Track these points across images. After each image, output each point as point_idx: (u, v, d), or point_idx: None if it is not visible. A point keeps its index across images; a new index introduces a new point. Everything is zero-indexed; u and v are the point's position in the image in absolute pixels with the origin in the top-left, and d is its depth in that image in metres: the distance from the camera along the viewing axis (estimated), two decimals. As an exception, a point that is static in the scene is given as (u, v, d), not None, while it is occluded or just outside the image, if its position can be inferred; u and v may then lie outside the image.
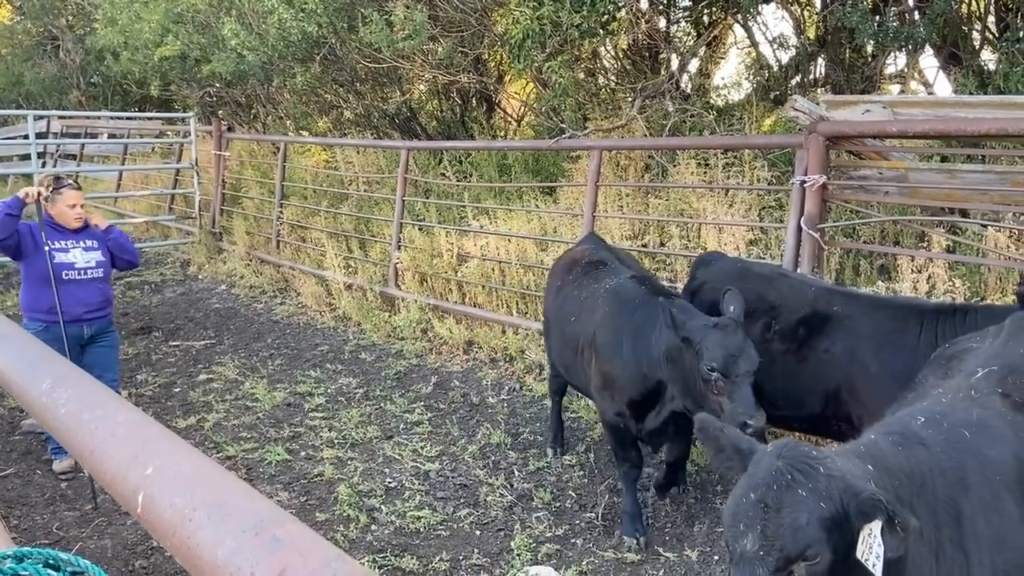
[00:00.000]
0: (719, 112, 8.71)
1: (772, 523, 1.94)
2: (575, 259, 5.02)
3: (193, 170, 11.72)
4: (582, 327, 4.51)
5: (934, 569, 2.13)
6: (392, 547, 4.35)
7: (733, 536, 2.00)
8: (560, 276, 5.03)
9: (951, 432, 2.27)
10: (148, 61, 12.96)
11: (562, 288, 4.89)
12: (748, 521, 1.97)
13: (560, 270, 5.11)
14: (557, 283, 5.01)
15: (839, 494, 1.95)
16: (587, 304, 4.53)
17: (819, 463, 2.00)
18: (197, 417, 6.08)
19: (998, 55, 6.71)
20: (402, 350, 7.57)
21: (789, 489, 1.96)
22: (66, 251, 5.20)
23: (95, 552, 4.38)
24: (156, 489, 1.16)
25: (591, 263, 4.84)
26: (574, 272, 4.87)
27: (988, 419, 2.29)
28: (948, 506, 2.16)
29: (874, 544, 1.94)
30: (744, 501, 2.00)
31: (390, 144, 10.41)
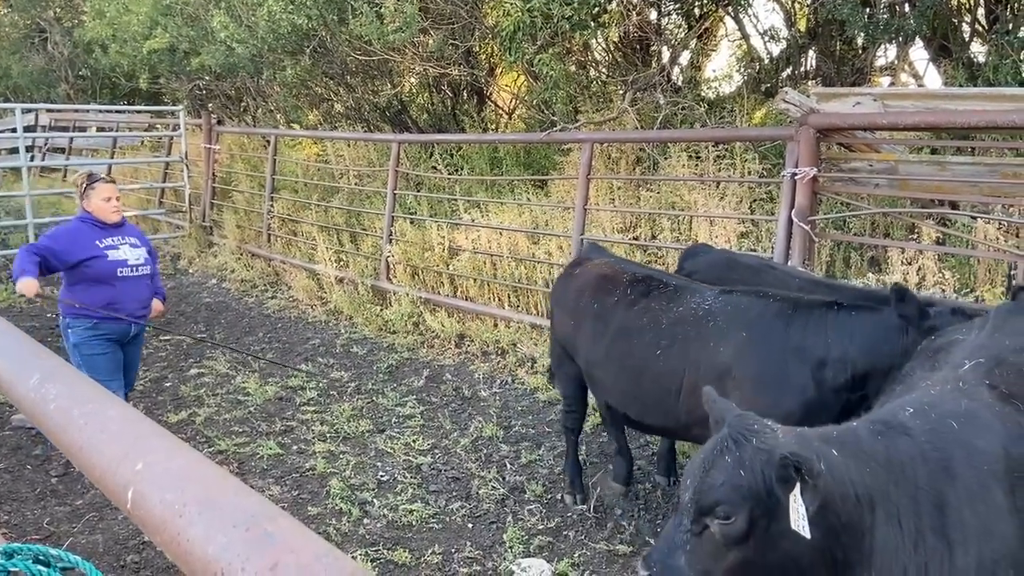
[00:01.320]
0: (710, 105, 8.72)
1: (699, 481, 2.21)
2: (608, 277, 4.25)
3: (183, 163, 11.67)
4: (684, 361, 3.67)
5: (912, 556, 2.14)
6: (384, 540, 4.36)
7: (682, 488, 2.31)
8: (593, 299, 4.21)
9: (938, 422, 2.28)
10: (137, 54, 12.89)
11: (607, 315, 4.09)
12: (691, 478, 2.25)
13: (589, 292, 4.27)
14: (591, 308, 4.19)
15: (760, 466, 2.13)
16: (683, 332, 3.72)
17: (754, 435, 2.19)
18: (188, 411, 6.07)
19: (988, 47, 6.74)
20: (394, 344, 7.57)
21: (720, 455, 2.20)
22: (116, 248, 5.04)
23: (86, 547, 4.36)
24: (146, 485, 1.15)
25: (641, 281, 4.09)
26: (619, 294, 4.09)
27: (976, 410, 2.30)
28: (931, 495, 2.17)
29: (798, 506, 2.08)
30: (695, 461, 2.29)
31: (381, 137, 10.38)
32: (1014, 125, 4.66)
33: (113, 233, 5.11)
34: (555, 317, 4.66)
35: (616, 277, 4.21)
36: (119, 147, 15.98)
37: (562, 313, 4.52)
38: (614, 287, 4.15)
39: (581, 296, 4.31)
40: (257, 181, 11.51)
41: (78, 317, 4.91)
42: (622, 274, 4.22)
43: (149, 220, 13.02)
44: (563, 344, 4.52)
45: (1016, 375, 2.47)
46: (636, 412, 3.99)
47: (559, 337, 4.59)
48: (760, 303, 3.60)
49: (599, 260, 4.54)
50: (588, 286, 4.31)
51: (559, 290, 4.64)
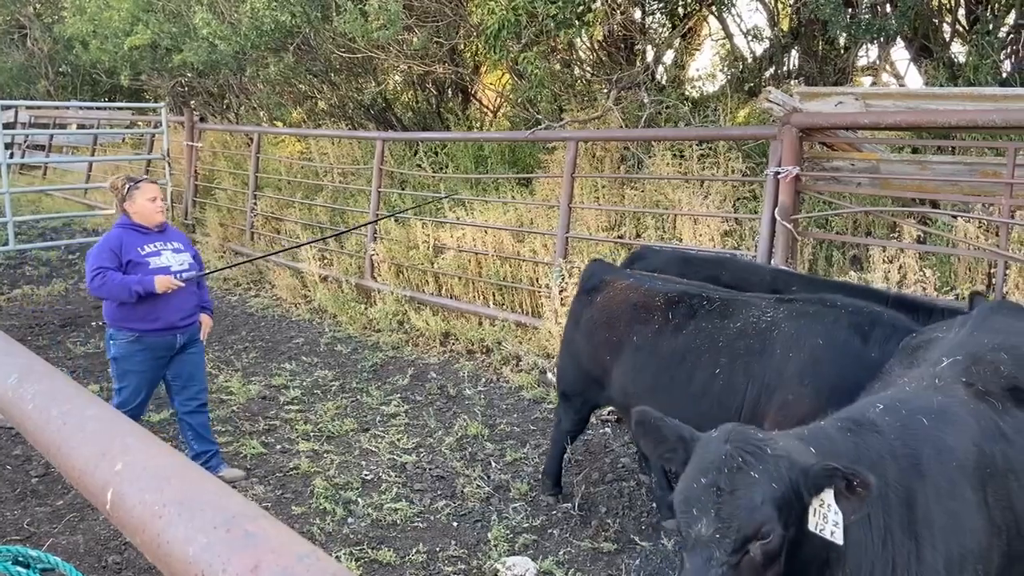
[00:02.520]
0: (694, 104, 8.75)
1: (727, 505, 1.97)
2: (642, 305, 3.98)
3: (165, 161, 11.56)
4: (747, 377, 3.50)
5: (880, 553, 2.16)
6: (369, 540, 4.34)
7: (687, 521, 2.01)
8: (630, 330, 3.95)
9: (909, 419, 2.30)
10: (118, 50, 12.76)
11: (652, 344, 3.84)
12: (701, 506, 1.99)
13: (624, 323, 4.00)
14: (630, 339, 3.94)
15: (787, 472, 2.01)
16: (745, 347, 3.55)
17: (766, 445, 2.06)
18: (170, 411, 6.00)
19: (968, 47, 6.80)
20: (378, 342, 7.54)
21: (741, 471, 2.00)
22: (158, 254, 4.75)
23: (67, 548, 4.32)
24: (125, 485, 1.14)
25: (679, 301, 3.88)
26: (660, 320, 3.85)
27: (949, 406, 2.32)
28: (900, 492, 2.18)
29: (828, 513, 1.99)
30: (695, 486, 2.03)
31: (365, 135, 10.34)
32: (994, 125, 4.71)
33: (155, 238, 4.80)
34: (577, 345, 4.34)
35: (650, 302, 3.95)
36: (100, 144, 15.85)
37: (588, 343, 4.22)
38: (651, 313, 3.91)
39: (613, 327, 4.04)
40: (240, 179, 11.44)
41: (121, 329, 4.65)
42: (654, 297, 3.96)
43: (131, 218, 12.90)
44: (588, 373, 4.26)
45: (993, 373, 2.49)
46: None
47: (584, 367, 4.28)
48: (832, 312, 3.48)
49: (618, 282, 4.21)
50: (621, 317, 4.03)
51: (581, 318, 4.31)
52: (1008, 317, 2.95)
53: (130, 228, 4.76)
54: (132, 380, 4.75)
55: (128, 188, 4.77)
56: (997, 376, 2.49)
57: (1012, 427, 2.35)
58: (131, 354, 4.69)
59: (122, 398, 4.74)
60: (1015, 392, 2.46)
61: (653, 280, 4.15)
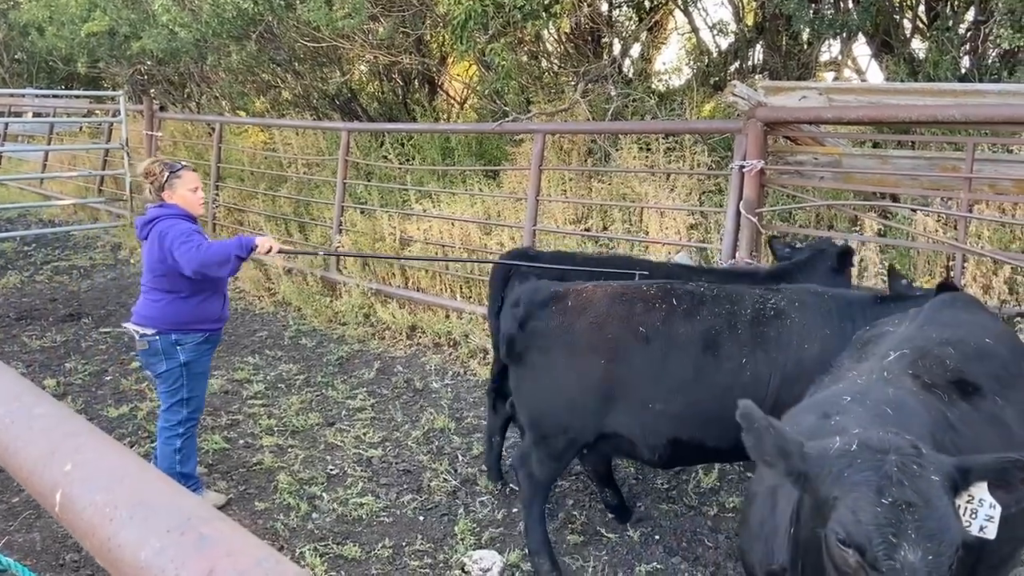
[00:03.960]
0: (660, 97, 8.79)
1: (929, 521, 1.74)
2: (630, 298, 3.64)
3: (123, 151, 11.32)
4: (771, 366, 3.40)
5: None
6: (334, 535, 4.30)
7: (886, 551, 1.72)
8: (631, 331, 3.56)
9: (875, 408, 2.33)
10: (75, 37, 12.44)
11: (666, 342, 3.52)
12: (898, 529, 1.73)
13: (619, 323, 3.58)
14: (633, 344, 3.54)
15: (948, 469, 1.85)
16: (761, 336, 3.46)
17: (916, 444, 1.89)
18: (130, 406, 5.90)
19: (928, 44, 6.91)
20: (344, 335, 7.47)
21: (922, 479, 1.79)
22: None
23: (23, 546, 4.22)
24: (75, 487, 1.09)
25: (685, 294, 3.63)
26: (664, 315, 3.56)
27: (903, 397, 2.35)
28: None
29: (981, 508, 1.85)
30: (880, 508, 1.75)
31: (330, 126, 10.22)
32: (953, 120, 4.79)
33: (203, 233, 4.42)
34: (558, 371, 3.70)
35: (637, 297, 3.63)
36: (56, 133, 15.47)
37: (577, 363, 3.63)
38: (649, 311, 3.58)
39: (609, 336, 3.56)
40: (201, 169, 11.21)
41: (189, 332, 4.31)
42: (637, 295, 3.64)
43: (88, 209, 12.63)
44: (579, 400, 3.66)
45: (939, 366, 2.54)
46: (714, 437, 3.47)
47: (574, 393, 3.66)
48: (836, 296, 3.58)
49: (575, 288, 3.79)
50: (614, 322, 3.57)
51: (554, 339, 3.67)
52: (958, 311, 3.01)
53: (186, 217, 4.35)
54: (202, 383, 4.49)
55: (168, 176, 4.35)
56: (943, 369, 2.53)
57: (958, 417, 2.40)
58: (200, 355, 4.40)
59: (192, 407, 4.41)
60: (960, 384, 2.51)
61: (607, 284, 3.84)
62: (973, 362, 2.62)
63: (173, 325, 4.28)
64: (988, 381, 2.56)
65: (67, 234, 11.80)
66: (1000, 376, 2.62)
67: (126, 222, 11.34)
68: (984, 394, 2.51)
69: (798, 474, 1.92)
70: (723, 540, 4.18)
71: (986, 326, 2.94)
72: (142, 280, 4.40)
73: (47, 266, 10.16)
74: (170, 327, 4.27)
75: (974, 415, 2.43)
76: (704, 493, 4.62)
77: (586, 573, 3.95)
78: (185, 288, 4.27)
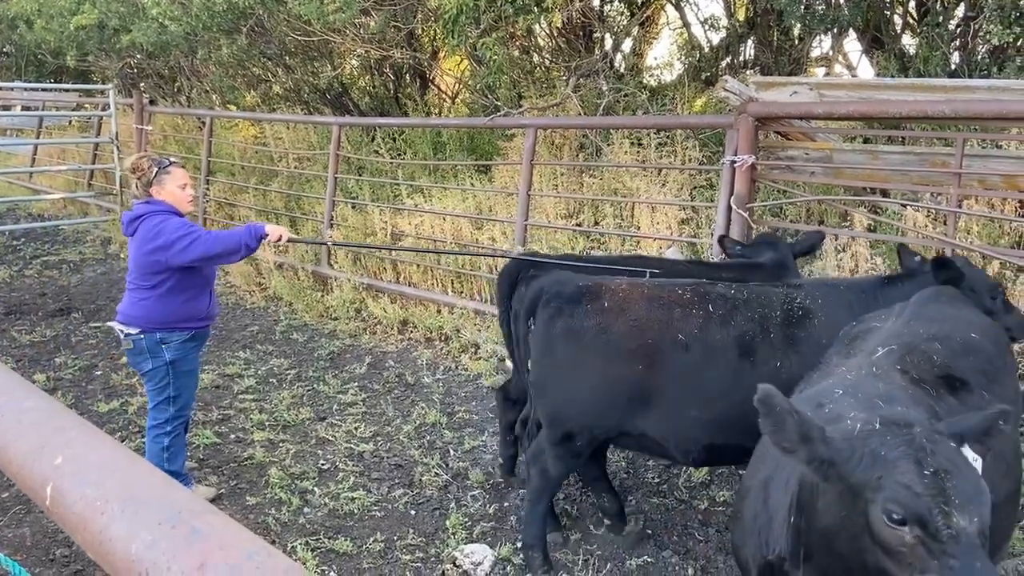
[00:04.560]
0: (652, 92, 8.79)
1: (966, 484, 1.76)
2: (668, 301, 3.53)
3: (113, 144, 11.24)
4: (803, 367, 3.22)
5: None
6: (325, 529, 4.30)
7: (944, 520, 1.72)
8: (668, 334, 3.45)
9: (867, 402, 2.34)
10: (64, 30, 12.35)
11: (703, 344, 3.43)
12: (946, 497, 1.74)
13: (658, 327, 3.47)
14: (673, 345, 3.45)
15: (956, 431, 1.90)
16: (793, 336, 3.44)
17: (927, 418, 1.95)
18: (120, 401, 5.88)
19: (918, 39, 6.93)
20: (335, 330, 7.46)
21: (947, 447, 1.83)
22: None
23: (13, 541, 4.20)
24: (66, 480, 1.09)
25: (718, 296, 3.55)
26: (700, 316, 3.48)
27: (892, 391, 2.37)
28: None
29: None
30: (925, 480, 1.76)
31: (321, 120, 10.17)
32: (943, 115, 4.81)
33: None
34: (588, 369, 3.56)
35: (674, 298, 3.54)
36: (45, 127, 15.36)
37: (608, 361, 3.52)
38: (688, 309, 3.50)
39: (645, 334, 3.46)
40: (192, 164, 11.17)
41: (174, 330, 4.25)
42: (673, 294, 3.56)
43: (78, 203, 12.55)
44: (607, 399, 3.57)
45: (926, 361, 2.56)
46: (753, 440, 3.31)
47: (601, 392, 3.56)
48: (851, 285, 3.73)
49: (609, 283, 3.69)
50: (651, 320, 3.47)
51: (584, 334, 3.55)
52: (944, 305, 3.03)
53: (174, 213, 4.28)
54: (189, 381, 4.43)
55: (156, 172, 4.27)
56: (930, 365, 2.56)
57: (946, 412, 2.42)
58: (187, 353, 4.35)
59: (179, 405, 4.37)
60: (947, 379, 2.54)
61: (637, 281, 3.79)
62: (959, 357, 2.64)
63: (158, 324, 4.22)
64: (974, 375, 2.58)
65: (56, 228, 11.73)
66: (986, 370, 2.65)
67: (116, 216, 11.27)
68: (971, 388, 2.53)
69: (820, 460, 1.89)
70: (714, 534, 4.20)
71: (971, 321, 2.97)
72: (127, 278, 4.35)
73: (36, 260, 10.10)
74: (155, 326, 4.21)
75: (961, 409, 2.45)
76: (695, 487, 4.64)
77: (577, 567, 3.96)
78: (171, 286, 4.21)
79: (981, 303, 3.50)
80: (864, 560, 1.86)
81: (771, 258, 4.44)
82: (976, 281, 3.62)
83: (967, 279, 3.57)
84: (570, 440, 3.69)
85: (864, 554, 1.86)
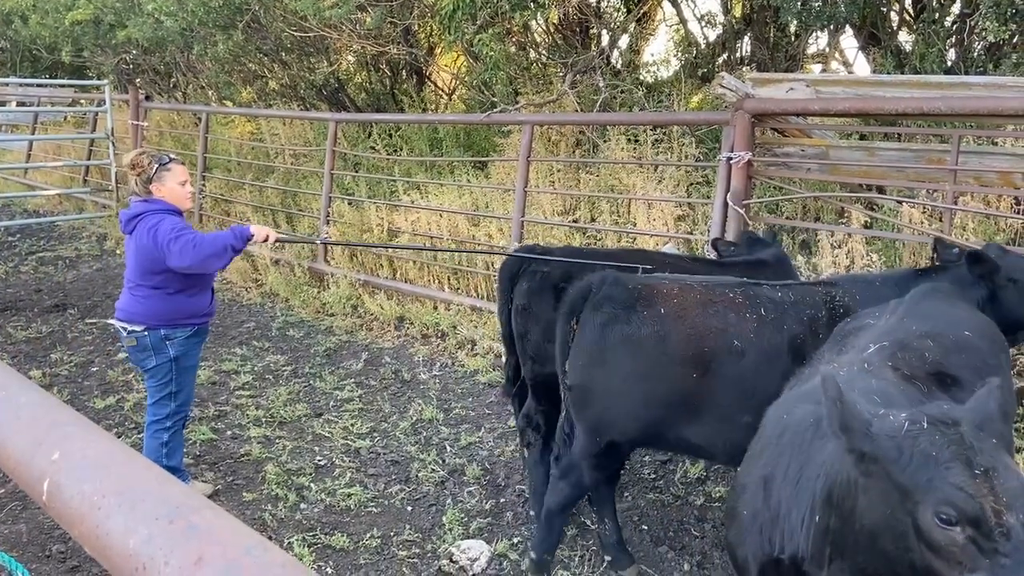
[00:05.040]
0: (648, 88, 8.78)
1: (1011, 481, 1.76)
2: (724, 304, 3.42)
3: (109, 140, 11.21)
4: None
5: None
6: (322, 525, 4.30)
7: (996, 517, 1.71)
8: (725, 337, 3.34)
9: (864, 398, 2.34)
10: (59, 25, 12.33)
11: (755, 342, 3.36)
12: (996, 496, 1.74)
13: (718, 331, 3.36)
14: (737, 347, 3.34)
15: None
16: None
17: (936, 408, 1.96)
18: (117, 397, 5.88)
19: (915, 36, 6.94)
20: (332, 326, 7.46)
21: (987, 441, 1.83)
22: None
23: (9, 537, 4.21)
24: (63, 476, 1.09)
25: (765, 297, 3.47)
26: (752, 319, 3.39)
27: (886, 388, 2.38)
28: None
29: None
30: (978, 481, 1.76)
31: (318, 116, 10.16)
32: (939, 112, 4.82)
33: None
34: (644, 376, 3.41)
35: (726, 302, 3.43)
36: (41, 123, 15.33)
37: (665, 367, 3.37)
38: (741, 313, 3.39)
39: (702, 339, 3.33)
40: (188, 160, 11.14)
41: (177, 326, 4.26)
42: (725, 298, 3.45)
43: (73, 199, 12.53)
44: (658, 407, 3.42)
45: (918, 359, 2.57)
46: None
47: (653, 401, 3.41)
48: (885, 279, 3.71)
49: (662, 286, 3.51)
50: (708, 329, 3.34)
51: (643, 340, 3.38)
52: (937, 302, 3.03)
53: (172, 211, 4.27)
54: (190, 377, 4.44)
55: (156, 168, 4.23)
56: (922, 362, 2.56)
57: None
58: (189, 349, 4.35)
59: (180, 400, 4.38)
60: (939, 376, 2.54)
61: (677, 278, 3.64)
62: (951, 354, 2.65)
63: (162, 320, 4.23)
64: (966, 373, 2.58)
65: (52, 224, 11.71)
66: (979, 368, 2.65)
67: (111, 212, 11.25)
68: (963, 386, 2.53)
69: (861, 453, 1.89)
70: (709, 529, 4.22)
71: (965, 318, 2.98)
72: (126, 276, 4.33)
73: (32, 257, 10.08)
74: (160, 322, 4.22)
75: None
76: (691, 483, 4.66)
77: (573, 563, 3.97)
78: (174, 283, 4.22)
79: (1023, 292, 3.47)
80: (910, 559, 1.85)
81: (772, 254, 4.43)
82: (1015, 269, 3.54)
83: (1003, 270, 3.52)
84: (612, 449, 3.55)
85: (910, 553, 1.84)
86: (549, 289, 4.04)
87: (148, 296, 4.23)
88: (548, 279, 4.07)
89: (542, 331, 4.00)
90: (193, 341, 4.38)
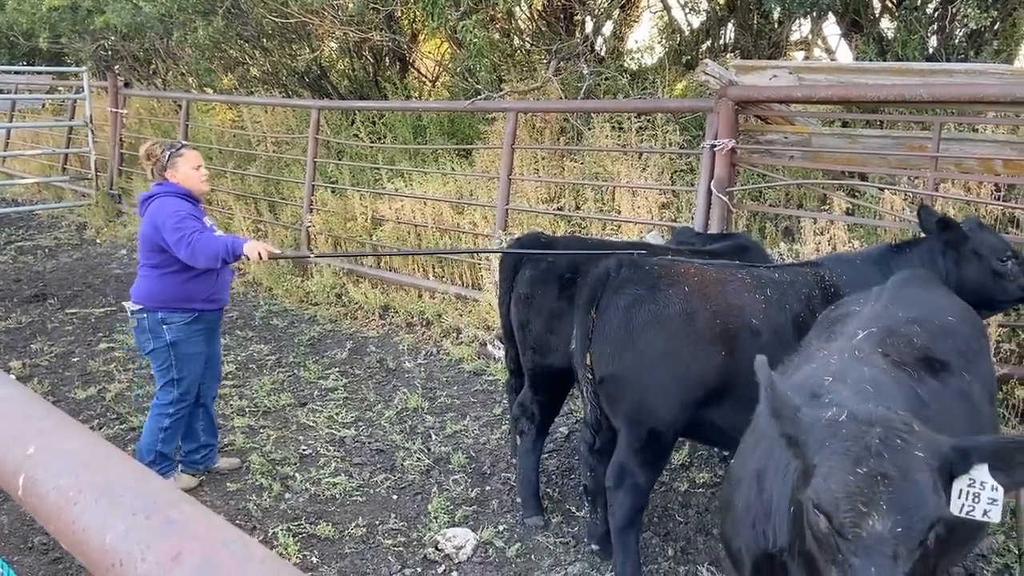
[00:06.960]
0: (633, 76, 8.75)
1: (904, 494, 1.74)
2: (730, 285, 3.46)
3: (87, 128, 11.09)
4: None
5: None
6: (307, 515, 4.30)
7: (853, 519, 1.74)
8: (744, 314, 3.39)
9: (856, 387, 2.35)
10: (36, 11, 12.14)
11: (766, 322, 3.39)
12: (868, 498, 1.74)
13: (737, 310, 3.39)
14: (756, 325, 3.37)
15: (942, 449, 1.84)
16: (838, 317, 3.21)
17: (909, 421, 1.89)
18: (98, 387, 5.83)
19: (897, 23, 6.94)
20: (315, 316, 7.42)
21: (904, 453, 1.78)
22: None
23: (-11, 531, 4.17)
24: (38, 470, 1.08)
25: (765, 278, 3.54)
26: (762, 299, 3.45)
27: (877, 375, 2.39)
28: None
29: (983, 491, 1.83)
30: (853, 478, 1.77)
31: (300, 103, 10.07)
32: (921, 99, 4.84)
33: (202, 211, 4.44)
34: (680, 357, 3.34)
35: (740, 282, 3.47)
36: (18, 110, 15.12)
37: (696, 348, 3.32)
38: (753, 293, 3.44)
39: (723, 318, 3.34)
40: (169, 148, 11.05)
41: (175, 311, 4.26)
42: (736, 278, 3.49)
43: (52, 188, 12.38)
44: (695, 389, 3.36)
45: (907, 344, 2.58)
46: None
47: (691, 383, 3.35)
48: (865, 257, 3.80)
49: (677, 266, 3.53)
50: (730, 308, 3.36)
51: (674, 319, 3.34)
52: (919, 289, 3.05)
53: (187, 197, 4.32)
54: (192, 365, 4.36)
55: (169, 156, 4.33)
56: (911, 347, 2.57)
57: (928, 394, 2.44)
58: (190, 335, 4.31)
59: (183, 388, 4.34)
60: (928, 362, 2.55)
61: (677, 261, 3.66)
62: (938, 339, 2.66)
63: (159, 302, 4.25)
64: (953, 357, 2.61)
65: (31, 213, 11.56)
66: (964, 352, 2.67)
67: (91, 201, 11.14)
68: (951, 370, 2.56)
69: (789, 437, 1.94)
70: (693, 515, 4.25)
71: (947, 304, 3.00)
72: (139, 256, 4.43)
73: (10, 246, 9.96)
74: (156, 304, 4.26)
75: (943, 391, 2.47)
76: (675, 469, 4.68)
77: (558, 549, 3.99)
78: (172, 265, 4.25)
79: (989, 266, 3.57)
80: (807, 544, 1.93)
81: (748, 240, 4.45)
82: (982, 245, 3.63)
83: (971, 242, 3.62)
84: (657, 439, 3.45)
85: (806, 536, 1.93)
86: (553, 278, 4.02)
87: (148, 275, 4.31)
88: (552, 268, 4.05)
89: (544, 321, 3.98)
90: (195, 328, 4.35)
